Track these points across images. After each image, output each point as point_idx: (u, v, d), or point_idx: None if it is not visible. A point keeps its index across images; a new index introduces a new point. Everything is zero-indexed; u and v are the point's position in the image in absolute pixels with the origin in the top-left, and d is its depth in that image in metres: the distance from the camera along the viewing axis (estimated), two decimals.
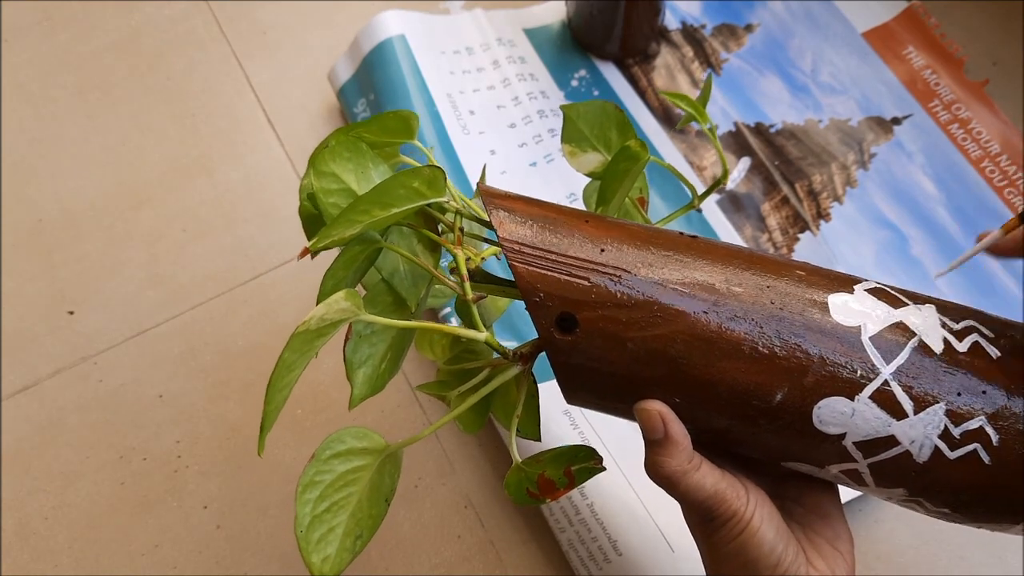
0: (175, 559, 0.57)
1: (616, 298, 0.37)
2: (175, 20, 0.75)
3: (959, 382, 0.37)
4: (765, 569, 0.38)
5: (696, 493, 0.38)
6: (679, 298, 0.37)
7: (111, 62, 0.74)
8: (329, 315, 0.35)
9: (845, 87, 0.71)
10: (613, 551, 0.54)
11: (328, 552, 0.37)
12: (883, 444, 0.36)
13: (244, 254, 0.67)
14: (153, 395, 0.62)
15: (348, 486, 0.38)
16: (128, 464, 0.60)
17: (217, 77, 0.73)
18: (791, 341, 0.37)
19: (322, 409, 0.61)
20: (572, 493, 0.56)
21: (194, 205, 0.68)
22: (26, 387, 0.62)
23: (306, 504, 0.37)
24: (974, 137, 0.68)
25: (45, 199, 0.69)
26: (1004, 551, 0.56)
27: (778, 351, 0.37)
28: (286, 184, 0.69)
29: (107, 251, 0.67)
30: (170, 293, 0.65)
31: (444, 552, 0.57)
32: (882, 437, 0.36)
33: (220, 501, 0.59)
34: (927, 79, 0.71)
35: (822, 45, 0.73)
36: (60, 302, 0.65)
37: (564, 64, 0.73)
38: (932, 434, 0.36)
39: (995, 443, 0.36)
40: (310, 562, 0.37)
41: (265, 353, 0.63)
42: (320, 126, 0.72)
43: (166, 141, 0.71)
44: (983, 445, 0.36)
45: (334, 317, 0.35)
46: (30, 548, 0.58)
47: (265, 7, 0.76)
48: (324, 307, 0.35)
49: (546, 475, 0.40)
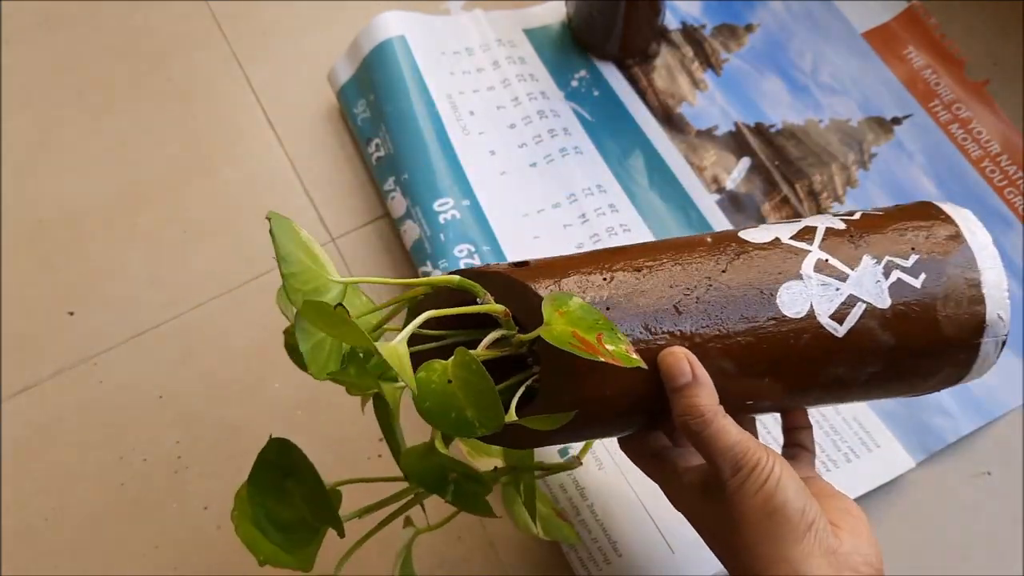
0: (175, 560, 0.57)
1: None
2: (175, 21, 0.76)
3: (870, 241, 0.43)
4: (797, 528, 0.38)
5: (726, 436, 0.39)
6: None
7: (111, 63, 0.74)
8: None
9: (845, 87, 0.71)
10: (613, 552, 0.54)
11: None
12: (848, 305, 0.41)
13: (244, 255, 0.67)
14: (153, 396, 0.62)
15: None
16: (128, 465, 0.60)
17: (217, 78, 0.73)
18: (742, 281, 0.42)
19: (322, 410, 0.61)
20: (572, 494, 0.56)
21: (194, 206, 0.68)
22: (26, 388, 0.63)
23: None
24: (974, 137, 0.68)
25: (46, 200, 0.69)
26: (1006, 551, 0.56)
27: (738, 294, 0.42)
28: (286, 185, 0.69)
29: (107, 252, 0.67)
30: (170, 294, 0.65)
31: (444, 553, 0.57)
32: (843, 300, 0.42)
33: (220, 502, 0.59)
34: (927, 79, 0.71)
35: (822, 45, 0.73)
36: (60, 303, 0.65)
37: (564, 64, 0.73)
38: (880, 278, 0.42)
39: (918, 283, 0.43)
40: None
41: (265, 354, 0.63)
42: (320, 127, 0.72)
43: (166, 142, 0.71)
44: (913, 276, 0.43)
45: None
46: (30, 549, 0.58)
47: (265, 8, 0.76)
48: None
49: (579, 333, 0.38)
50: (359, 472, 0.59)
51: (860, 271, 0.42)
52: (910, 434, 0.59)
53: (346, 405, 0.62)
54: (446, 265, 0.62)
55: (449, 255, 0.62)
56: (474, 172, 0.66)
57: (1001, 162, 0.67)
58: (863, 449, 0.58)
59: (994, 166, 0.67)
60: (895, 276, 0.42)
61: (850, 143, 0.69)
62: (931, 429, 0.59)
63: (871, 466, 0.58)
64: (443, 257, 0.62)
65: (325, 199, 0.69)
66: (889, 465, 0.58)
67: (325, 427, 0.61)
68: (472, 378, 0.36)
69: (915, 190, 0.67)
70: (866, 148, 0.69)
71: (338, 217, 0.68)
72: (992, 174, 0.67)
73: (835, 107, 0.70)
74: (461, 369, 0.37)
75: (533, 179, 0.67)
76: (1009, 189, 0.67)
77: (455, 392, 0.37)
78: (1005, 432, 0.59)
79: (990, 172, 0.67)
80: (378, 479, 0.47)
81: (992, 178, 0.67)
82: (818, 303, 0.42)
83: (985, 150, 0.68)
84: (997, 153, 0.68)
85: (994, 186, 0.67)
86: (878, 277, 0.42)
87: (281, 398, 0.62)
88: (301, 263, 0.38)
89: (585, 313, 0.38)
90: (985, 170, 0.67)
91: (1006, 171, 0.67)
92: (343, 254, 0.67)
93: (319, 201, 0.68)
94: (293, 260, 0.38)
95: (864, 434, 0.59)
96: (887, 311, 0.42)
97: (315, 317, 0.37)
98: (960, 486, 0.58)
